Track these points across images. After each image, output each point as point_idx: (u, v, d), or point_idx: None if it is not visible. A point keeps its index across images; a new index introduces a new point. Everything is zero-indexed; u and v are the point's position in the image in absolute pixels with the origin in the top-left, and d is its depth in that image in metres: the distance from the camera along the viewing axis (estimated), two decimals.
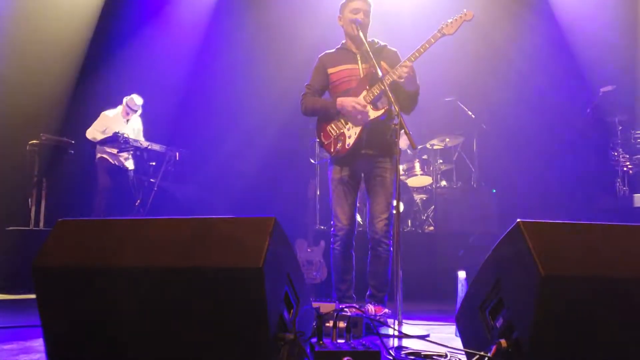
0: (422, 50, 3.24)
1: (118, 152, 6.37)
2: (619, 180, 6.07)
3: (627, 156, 6.05)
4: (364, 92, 3.38)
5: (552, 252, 1.85)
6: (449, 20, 3.28)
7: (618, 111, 6.19)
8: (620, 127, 6.11)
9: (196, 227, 1.99)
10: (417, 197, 6.50)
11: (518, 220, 1.90)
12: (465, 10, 3.28)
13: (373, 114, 3.36)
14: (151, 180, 6.45)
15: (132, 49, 7.12)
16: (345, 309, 2.78)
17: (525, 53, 6.87)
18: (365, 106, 3.33)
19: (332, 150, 3.45)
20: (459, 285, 3.05)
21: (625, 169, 6.05)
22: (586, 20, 6.76)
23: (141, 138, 6.68)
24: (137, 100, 6.49)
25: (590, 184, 6.46)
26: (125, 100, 6.50)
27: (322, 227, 5.76)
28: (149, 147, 6.38)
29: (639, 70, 6.87)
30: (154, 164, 6.55)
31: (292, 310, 2.04)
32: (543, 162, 6.70)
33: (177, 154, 6.53)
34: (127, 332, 1.90)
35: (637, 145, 6.16)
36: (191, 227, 1.99)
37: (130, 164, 6.53)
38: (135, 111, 6.55)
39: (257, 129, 7.05)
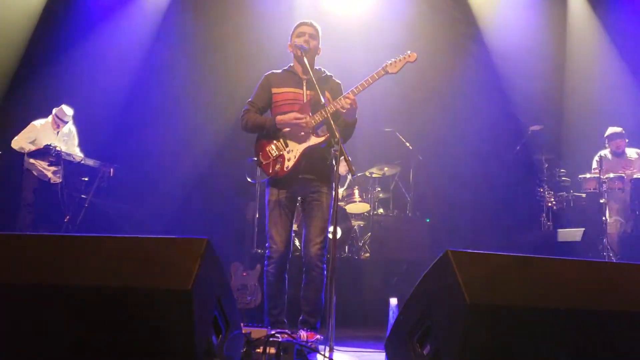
0: (365, 85, 3.33)
1: (48, 165, 6.09)
2: (543, 215, 6.39)
3: (552, 192, 6.38)
4: (307, 118, 3.41)
5: (478, 282, 1.91)
6: (393, 60, 3.39)
7: (545, 150, 6.55)
8: (546, 165, 6.46)
9: (125, 245, 1.93)
10: (355, 224, 6.57)
11: (447, 249, 1.96)
12: (409, 51, 3.39)
13: (315, 140, 3.39)
14: (82, 196, 6.20)
15: (68, 59, 6.90)
16: (276, 335, 2.75)
17: (461, 90, 7.17)
18: (307, 119, 3.36)
19: (270, 171, 3.43)
20: (391, 312, 3.09)
21: (549, 204, 6.37)
22: (518, 61, 7.16)
23: (75, 150, 6.43)
24: (66, 110, 6.23)
25: (517, 218, 6.76)
26: (54, 111, 6.24)
27: (259, 251, 5.70)
28: (83, 161, 6.14)
29: (565, 112, 7.33)
30: (86, 179, 6.30)
31: (220, 335, 2.00)
32: (474, 195, 6.96)
33: (112, 169, 6.32)
34: (48, 350, 1.80)
35: (561, 183, 6.53)
36: (119, 246, 1.93)
37: (58, 178, 6.24)
38: (65, 122, 6.29)
39: (196, 147, 6.94)
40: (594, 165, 6.21)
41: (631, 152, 6.24)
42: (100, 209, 6.33)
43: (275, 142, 3.43)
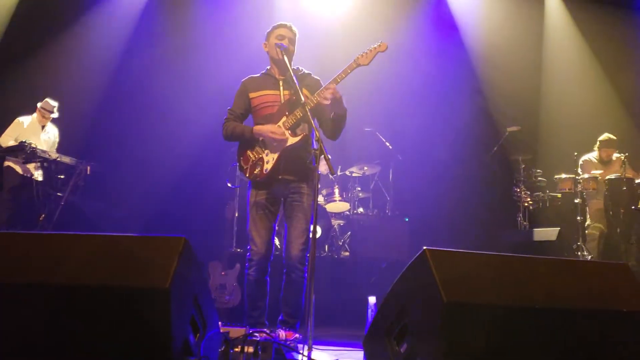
0: (337, 79, 3.33)
1: (24, 163, 5.99)
2: (520, 215, 6.48)
3: (529, 193, 6.48)
4: (284, 118, 3.40)
5: (455, 280, 1.93)
6: (364, 51, 3.40)
7: (522, 150, 6.64)
8: (523, 165, 6.56)
9: (102, 244, 1.92)
10: (335, 223, 6.59)
11: (424, 247, 1.98)
12: (380, 42, 3.41)
13: (291, 140, 3.39)
14: (58, 194, 6.10)
15: (43, 56, 6.80)
16: (254, 334, 2.75)
17: (441, 91, 7.23)
18: (283, 133, 3.36)
19: (249, 174, 3.44)
20: (369, 311, 3.10)
21: (526, 204, 6.47)
22: (497, 62, 7.25)
23: (53, 152, 6.34)
24: (51, 102, 6.19)
25: (494, 218, 6.85)
26: (39, 105, 6.18)
27: (239, 250, 5.68)
28: (59, 159, 6.05)
29: (542, 113, 7.44)
30: (62, 177, 6.21)
31: (198, 334, 1.99)
32: (452, 194, 7.03)
33: (88, 167, 6.23)
34: (25, 348, 1.77)
35: (538, 183, 6.63)
36: (96, 244, 1.91)
37: (39, 175, 6.14)
38: (51, 112, 6.22)
39: (175, 145, 6.88)
40: (581, 168, 6.23)
41: (615, 157, 6.27)
42: (76, 208, 6.25)
43: (255, 146, 3.45)
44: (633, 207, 4.29)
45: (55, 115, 6.29)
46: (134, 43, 7.16)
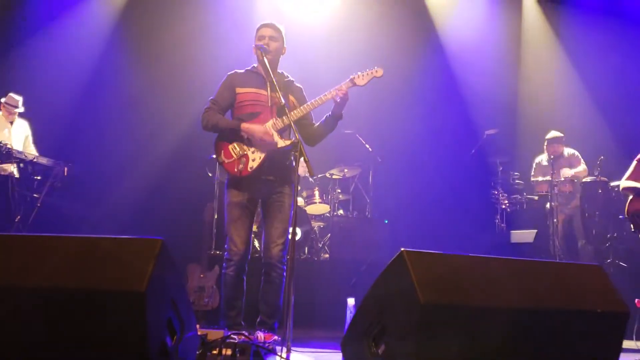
0: (328, 96, 3.39)
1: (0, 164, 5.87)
2: (497, 217, 6.56)
3: (506, 195, 6.57)
4: (272, 120, 3.40)
5: (432, 281, 1.95)
6: (360, 73, 3.46)
7: (499, 153, 6.73)
8: (500, 168, 6.65)
9: (78, 246, 1.89)
10: (315, 225, 6.59)
11: (402, 249, 1.99)
12: (376, 67, 3.48)
13: (281, 143, 3.38)
14: (35, 195, 5.99)
15: (19, 54, 6.68)
16: (232, 336, 2.73)
17: (420, 94, 7.29)
18: (272, 136, 3.36)
19: (233, 170, 3.40)
20: (348, 312, 3.11)
21: (503, 206, 6.56)
22: (475, 66, 7.34)
23: (30, 147, 6.22)
24: (14, 96, 6.07)
25: (472, 220, 6.92)
26: (2, 100, 6.05)
27: (218, 252, 5.64)
28: (35, 160, 5.95)
29: (519, 116, 7.55)
30: (39, 178, 6.10)
31: (175, 337, 1.98)
32: (431, 197, 7.09)
33: (66, 168, 6.14)
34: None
35: (515, 186, 6.72)
36: (72, 246, 1.89)
37: (16, 172, 6.01)
38: (16, 107, 6.09)
39: (153, 147, 6.81)
40: (533, 170, 6.34)
41: (569, 151, 6.35)
42: (53, 209, 6.14)
43: (238, 141, 3.41)
44: (621, 217, 4.37)
45: (21, 109, 6.17)
46: (113, 42, 7.07)
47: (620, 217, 5.69)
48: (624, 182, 4.10)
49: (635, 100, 6.74)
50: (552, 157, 6.16)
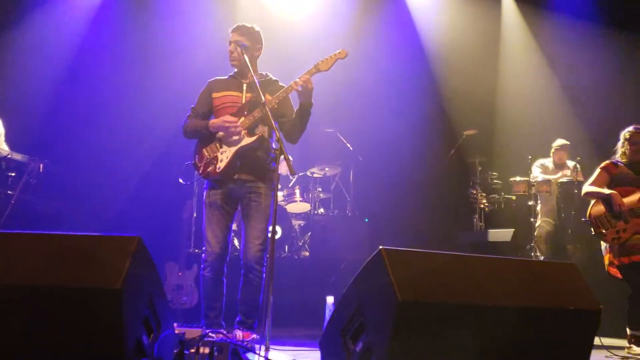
0: (289, 89, 3.36)
1: None
2: (476, 216, 6.63)
3: (484, 194, 6.64)
4: (242, 119, 3.40)
5: (410, 279, 1.96)
6: (324, 58, 3.43)
7: (478, 153, 6.80)
8: (479, 168, 6.72)
9: (53, 243, 1.87)
10: (295, 223, 6.59)
11: (380, 247, 2.00)
12: (340, 49, 3.45)
13: (246, 140, 3.38)
14: (9, 192, 5.88)
15: None
16: (210, 334, 2.72)
17: (401, 94, 7.33)
18: (236, 122, 3.36)
19: (202, 172, 3.43)
20: (327, 311, 3.12)
21: (482, 206, 6.63)
22: (455, 65, 7.39)
23: (2, 143, 6.10)
24: None
25: (451, 219, 6.99)
26: None
27: (196, 251, 5.61)
28: (9, 156, 5.83)
29: (498, 117, 7.64)
30: (13, 174, 5.98)
31: (152, 335, 1.96)
32: (411, 196, 7.13)
33: (41, 165, 6.03)
34: None
35: (493, 186, 6.80)
36: (48, 244, 1.87)
37: None
38: None
39: (132, 144, 6.73)
40: (535, 172, 6.36)
41: (570, 163, 6.45)
42: (28, 206, 6.03)
43: (211, 144, 3.44)
44: (583, 220, 4.45)
45: None
46: (92, 38, 6.97)
47: (583, 219, 5.78)
48: (586, 187, 4.23)
49: (610, 101, 6.86)
50: (557, 162, 6.25)
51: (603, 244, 4.20)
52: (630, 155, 4.20)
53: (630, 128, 4.25)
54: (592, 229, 4.18)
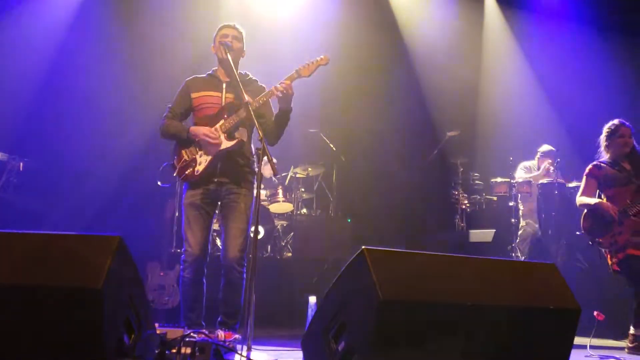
0: (269, 93, 3.35)
1: None
2: (457, 216, 6.69)
3: (466, 195, 6.70)
4: (221, 121, 3.38)
5: (392, 279, 1.97)
6: (306, 63, 3.41)
7: (460, 154, 6.86)
8: (461, 169, 6.77)
9: (34, 243, 1.85)
10: (278, 223, 6.58)
11: (363, 247, 2.01)
12: (322, 55, 3.44)
13: (226, 144, 3.36)
14: None
15: None
16: (192, 335, 2.70)
17: (384, 95, 7.36)
18: (217, 137, 3.33)
19: (181, 174, 3.40)
20: (310, 310, 3.12)
21: (463, 206, 6.69)
22: (438, 66, 7.44)
23: None
24: None
25: (433, 219, 7.04)
26: None
27: (178, 251, 5.57)
28: None
29: (479, 118, 7.71)
30: None
31: (133, 335, 1.95)
32: (393, 195, 7.17)
33: (21, 163, 5.96)
34: None
35: (475, 186, 6.87)
36: (28, 243, 1.84)
37: None
38: None
39: (114, 143, 6.66)
40: (520, 173, 6.42)
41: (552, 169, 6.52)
42: (8, 205, 5.95)
43: (190, 147, 3.41)
44: (577, 232, 4.48)
45: None
46: (72, 37, 6.87)
47: (578, 232, 5.84)
48: (579, 199, 4.18)
49: (591, 103, 6.96)
50: (540, 166, 6.31)
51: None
52: (616, 149, 4.08)
53: (615, 121, 4.14)
54: (589, 242, 4.16)
